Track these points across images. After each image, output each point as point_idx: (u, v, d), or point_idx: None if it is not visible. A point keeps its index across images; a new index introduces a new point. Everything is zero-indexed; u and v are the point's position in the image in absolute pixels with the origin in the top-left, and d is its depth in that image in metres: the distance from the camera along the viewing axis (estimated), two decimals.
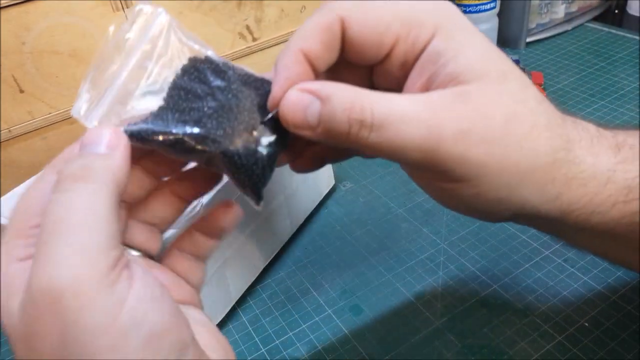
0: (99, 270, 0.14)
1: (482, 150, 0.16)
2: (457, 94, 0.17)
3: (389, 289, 0.33)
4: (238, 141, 0.17)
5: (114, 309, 0.14)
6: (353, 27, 0.18)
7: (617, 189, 0.18)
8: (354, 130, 0.17)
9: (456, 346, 0.29)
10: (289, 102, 0.17)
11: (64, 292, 0.14)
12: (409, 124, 0.16)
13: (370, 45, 0.18)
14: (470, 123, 0.16)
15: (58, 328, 0.14)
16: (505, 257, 0.34)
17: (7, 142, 0.39)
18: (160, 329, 0.15)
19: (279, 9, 0.47)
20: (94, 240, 0.14)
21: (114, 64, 0.18)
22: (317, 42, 0.18)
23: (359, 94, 0.17)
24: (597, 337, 0.28)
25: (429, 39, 0.18)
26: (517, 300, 0.31)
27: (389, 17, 0.18)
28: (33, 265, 0.14)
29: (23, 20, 0.37)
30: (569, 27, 0.62)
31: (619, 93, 0.49)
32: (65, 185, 0.15)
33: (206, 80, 0.18)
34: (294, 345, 0.30)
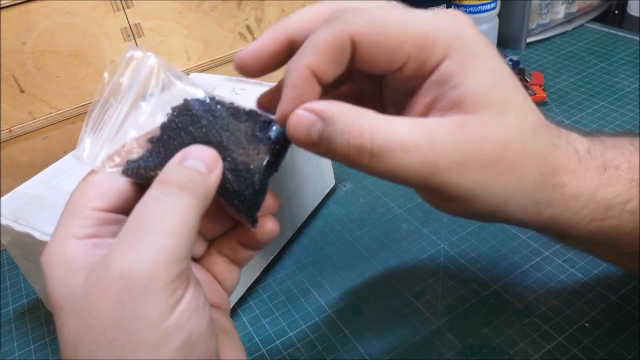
0: (170, 274, 0.16)
1: (474, 177, 0.18)
2: (456, 124, 0.17)
3: (389, 289, 0.33)
4: (226, 172, 0.19)
5: (167, 311, 0.16)
6: (363, 46, 0.17)
7: (595, 208, 0.20)
8: (353, 154, 0.17)
9: (456, 346, 0.29)
10: (294, 121, 0.18)
11: (135, 282, 0.15)
12: (407, 153, 0.17)
13: (381, 62, 0.18)
14: (466, 154, 0.17)
15: (118, 310, 0.15)
16: (505, 258, 0.34)
17: (8, 142, 0.39)
18: (195, 338, 0.16)
19: (279, 9, 0.47)
20: (175, 247, 0.16)
21: (110, 107, 0.19)
22: (325, 59, 0.18)
23: (360, 119, 0.17)
24: (597, 337, 0.28)
25: (440, 60, 0.18)
26: (517, 301, 0.31)
27: (401, 37, 0.17)
28: (116, 247, 0.16)
29: (24, 20, 0.37)
30: (569, 27, 0.62)
31: (619, 94, 0.49)
32: (169, 190, 0.17)
33: (196, 118, 0.19)
34: (294, 346, 0.30)
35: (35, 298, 0.36)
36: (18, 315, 0.35)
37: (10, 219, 0.29)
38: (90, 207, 0.18)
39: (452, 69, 0.17)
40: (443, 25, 0.18)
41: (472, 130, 0.17)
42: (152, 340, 0.15)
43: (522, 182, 0.18)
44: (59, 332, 0.16)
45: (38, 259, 0.29)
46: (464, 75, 0.17)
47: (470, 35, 0.18)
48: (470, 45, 0.18)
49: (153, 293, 0.15)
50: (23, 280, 0.38)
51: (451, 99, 0.18)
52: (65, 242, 0.17)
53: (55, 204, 0.29)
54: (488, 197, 0.18)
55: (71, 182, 0.31)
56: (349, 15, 0.18)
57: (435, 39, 0.17)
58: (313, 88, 0.18)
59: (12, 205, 0.30)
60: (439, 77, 0.18)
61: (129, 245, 0.16)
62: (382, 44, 0.17)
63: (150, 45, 0.42)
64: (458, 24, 0.18)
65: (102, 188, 0.18)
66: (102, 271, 0.16)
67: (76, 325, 0.16)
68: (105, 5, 0.39)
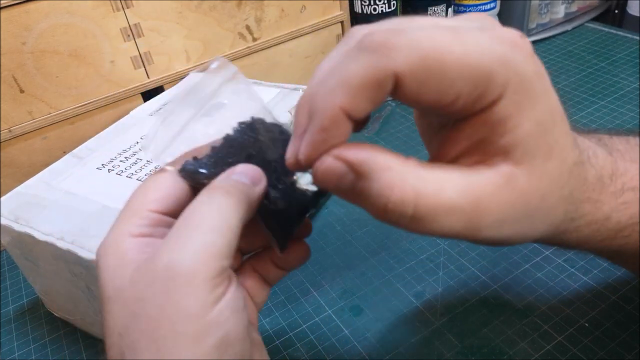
0: (213, 269, 0.16)
1: (511, 229, 0.17)
2: (505, 179, 0.16)
3: (389, 289, 0.33)
4: (272, 192, 0.20)
5: (208, 306, 0.16)
6: (409, 85, 0.15)
7: (607, 231, 0.19)
8: (390, 217, 0.16)
9: (456, 346, 0.29)
10: (323, 170, 0.16)
11: (179, 275, 0.16)
12: (451, 217, 0.16)
13: (426, 100, 0.16)
14: (510, 209, 0.16)
15: (162, 300, 0.16)
16: (505, 258, 0.34)
17: (8, 142, 0.39)
18: (232, 337, 0.17)
19: (279, 9, 0.47)
20: (217, 243, 0.17)
21: (185, 109, 0.20)
22: (362, 98, 0.15)
23: (402, 180, 0.15)
24: (597, 337, 0.28)
25: (494, 100, 0.15)
26: (517, 301, 0.31)
27: (453, 74, 0.15)
28: (164, 244, 0.17)
29: (23, 20, 0.37)
30: (569, 27, 0.62)
31: (619, 93, 0.49)
32: (215, 194, 0.18)
33: (257, 137, 0.20)
34: (294, 346, 0.30)
35: (35, 298, 0.36)
36: (18, 315, 0.35)
37: (10, 219, 0.29)
38: (148, 209, 0.19)
39: (506, 111, 0.15)
40: (501, 55, 0.15)
41: (520, 184, 0.16)
42: (192, 333, 0.16)
43: (549, 226, 0.18)
44: (104, 322, 0.17)
45: (38, 258, 0.29)
46: (518, 119, 0.16)
47: (528, 70, 0.16)
48: (528, 82, 0.16)
49: (196, 286, 0.16)
50: (23, 281, 0.38)
51: (501, 146, 0.16)
52: (121, 238, 0.18)
53: (54, 204, 0.29)
54: (517, 241, 0.18)
55: (71, 182, 0.31)
56: (394, 47, 0.15)
57: (492, 74, 0.15)
58: (344, 130, 0.16)
59: (12, 205, 0.30)
60: (491, 119, 0.16)
61: (174, 241, 0.17)
62: (432, 84, 0.15)
63: (150, 46, 0.42)
64: (517, 53, 0.15)
65: (161, 192, 0.19)
66: (150, 264, 0.17)
67: (123, 315, 0.17)
68: (105, 5, 0.39)
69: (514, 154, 0.16)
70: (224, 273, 0.17)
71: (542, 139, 0.16)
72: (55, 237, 0.27)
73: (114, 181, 0.30)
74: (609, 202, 0.19)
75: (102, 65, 0.41)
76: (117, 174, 0.31)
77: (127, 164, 0.32)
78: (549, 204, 0.17)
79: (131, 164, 0.32)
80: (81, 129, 0.42)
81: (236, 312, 0.17)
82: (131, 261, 0.17)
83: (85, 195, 0.30)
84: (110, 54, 0.41)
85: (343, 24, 0.51)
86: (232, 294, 0.17)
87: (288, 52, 0.50)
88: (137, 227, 0.18)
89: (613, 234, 0.20)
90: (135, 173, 0.31)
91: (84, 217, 0.28)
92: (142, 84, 0.43)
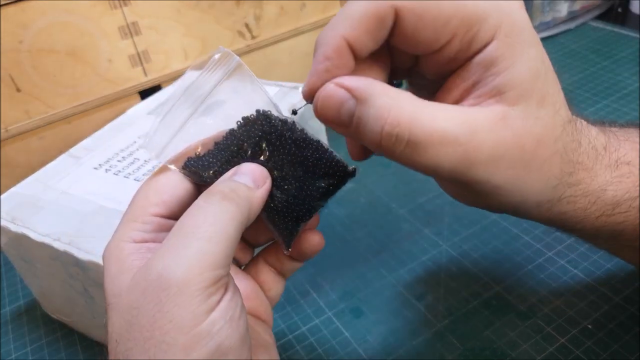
0: (206, 279, 0.16)
1: (507, 173, 0.17)
2: (499, 117, 0.16)
3: (390, 291, 0.33)
4: (277, 192, 0.19)
5: (200, 316, 0.16)
6: (407, 19, 0.16)
7: (604, 204, 0.19)
8: (386, 142, 0.16)
9: (458, 349, 0.29)
10: (324, 96, 0.17)
11: (171, 284, 0.16)
12: (446, 147, 0.16)
13: (423, 39, 0.16)
14: (505, 149, 0.17)
15: (154, 310, 0.16)
16: (507, 259, 0.34)
17: (4, 141, 0.39)
18: (226, 347, 0.16)
19: (278, 7, 0.47)
20: (212, 253, 0.16)
21: (185, 103, 0.19)
22: (363, 31, 0.16)
23: (398, 105, 0.16)
24: (600, 339, 0.28)
25: (487, 41, 0.16)
26: (520, 302, 0.31)
27: (449, 11, 0.16)
28: (159, 250, 0.17)
29: (20, 19, 0.36)
30: (572, 25, 0.61)
31: (622, 92, 0.49)
32: (212, 199, 0.17)
33: (263, 134, 0.19)
34: (293, 348, 0.30)
35: (32, 300, 0.36)
36: (15, 317, 0.35)
37: (7, 219, 0.28)
38: (150, 213, 0.18)
39: (499, 52, 0.16)
40: (494, 1, 0.16)
41: (514, 124, 0.16)
42: (183, 343, 0.16)
43: (546, 181, 0.18)
44: (106, 328, 0.17)
45: (35, 260, 0.29)
46: (510, 60, 0.16)
47: (520, 17, 0.16)
48: (519, 28, 0.16)
49: (187, 296, 0.16)
50: (20, 282, 0.38)
51: (494, 86, 0.16)
52: (122, 244, 0.18)
53: (51, 205, 0.29)
54: (513, 194, 0.18)
55: (68, 182, 0.31)
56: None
57: (486, 16, 0.16)
58: (347, 62, 0.16)
59: (9, 205, 0.29)
60: (484, 60, 0.16)
61: (168, 250, 0.16)
62: (429, 18, 0.16)
63: (148, 44, 0.42)
64: (509, 1, 0.16)
65: (163, 195, 0.19)
66: (144, 272, 0.16)
67: (119, 322, 0.17)
68: (102, 3, 0.39)
69: (508, 94, 0.16)
70: (219, 282, 0.16)
71: (535, 83, 0.17)
72: (52, 238, 0.26)
73: (111, 181, 0.30)
74: (603, 174, 0.19)
75: (99, 64, 0.41)
76: (114, 173, 0.31)
77: (125, 164, 0.31)
78: (544, 154, 0.17)
79: (128, 163, 0.31)
80: (78, 128, 0.41)
81: (231, 321, 0.16)
82: (130, 268, 0.17)
83: (82, 195, 0.29)
84: (108, 53, 0.40)
85: None
86: (226, 303, 0.17)
87: (287, 50, 0.49)
88: (138, 232, 0.18)
89: (610, 209, 0.20)
90: (132, 173, 0.30)
91: (80, 218, 0.27)
92: (140, 82, 0.43)
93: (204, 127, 0.19)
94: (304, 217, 0.20)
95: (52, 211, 0.28)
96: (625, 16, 0.63)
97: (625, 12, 0.64)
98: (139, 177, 0.30)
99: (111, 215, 0.27)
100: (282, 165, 0.19)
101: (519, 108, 0.17)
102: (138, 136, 0.34)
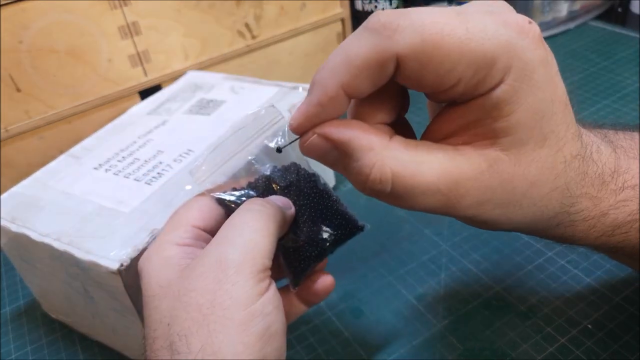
0: (258, 264, 0.18)
1: (495, 212, 0.17)
2: (488, 164, 0.16)
3: (390, 291, 0.33)
4: (292, 232, 0.22)
5: (255, 296, 0.18)
6: (410, 66, 0.15)
7: (604, 227, 0.19)
8: (368, 191, 0.17)
9: (458, 349, 0.28)
10: (308, 146, 0.17)
11: (230, 266, 0.18)
12: (428, 197, 0.16)
13: (426, 84, 0.16)
14: (491, 194, 0.16)
15: (214, 289, 0.18)
16: (507, 259, 0.34)
17: (4, 141, 0.39)
18: (274, 329, 0.18)
19: (278, 7, 0.47)
20: (262, 243, 0.19)
21: (231, 146, 0.23)
22: (362, 78, 0.15)
23: (381, 161, 0.16)
24: (600, 339, 0.28)
25: (494, 85, 0.15)
26: (520, 302, 0.31)
27: (455, 57, 0.15)
28: (213, 241, 0.19)
29: (20, 19, 0.36)
30: (572, 25, 0.61)
31: (622, 92, 0.49)
32: (253, 205, 0.20)
33: (293, 182, 0.23)
34: (294, 348, 0.30)
35: (32, 300, 0.36)
36: (15, 317, 0.35)
37: (7, 219, 0.28)
38: (191, 224, 0.21)
39: (504, 97, 0.15)
40: (505, 41, 0.15)
41: (505, 170, 0.16)
42: (240, 319, 0.17)
43: (541, 214, 0.18)
44: (147, 318, 0.19)
45: (35, 259, 0.29)
46: (514, 105, 0.15)
47: (533, 57, 0.15)
48: (530, 70, 0.15)
49: (244, 276, 0.18)
50: (20, 282, 0.38)
51: (492, 129, 0.16)
52: (165, 246, 0.20)
53: (51, 205, 0.29)
54: (503, 226, 0.18)
55: (68, 182, 0.31)
56: (397, 28, 0.15)
57: (495, 60, 0.15)
58: (340, 107, 0.16)
59: (9, 205, 0.29)
60: (488, 103, 0.16)
61: (223, 239, 0.19)
62: (433, 65, 0.15)
63: (148, 44, 0.42)
64: (523, 39, 0.15)
65: (203, 212, 0.21)
66: (199, 260, 0.19)
67: (171, 306, 0.18)
68: (102, 3, 0.39)
69: (504, 139, 0.16)
70: (266, 271, 0.19)
71: (537, 128, 0.16)
72: (52, 238, 0.26)
73: (111, 181, 0.30)
74: (607, 199, 0.19)
75: (99, 64, 0.41)
76: (114, 173, 0.31)
77: (125, 164, 0.31)
78: (541, 193, 0.17)
79: (128, 163, 0.31)
80: (78, 128, 0.41)
81: (277, 308, 0.19)
82: (176, 264, 0.19)
83: (82, 195, 0.29)
84: (108, 53, 0.40)
85: (344, 22, 0.51)
86: (272, 292, 0.19)
87: (287, 50, 0.49)
88: (181, 238, 0.20)
89: (610, 231, 0.19)
90: (132, 173, 0.30)
91: (80, 218, 0.27)
92: (140, 82, 0.43)
93: (242, 164, 0.23)
94: (315, 259, 0.23)
95: (52, 211, 0.28)
96: (625, 16, 0.63)
97: (625, 12, 0.64)
98: (139, 177, 0.30)
99: (111, 215, 0.27)
100: (303, 211, 0.22)
101: (513, 153, 0.16)
102: (138, 136, 0.34)
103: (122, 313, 0.26)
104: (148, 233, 0.25)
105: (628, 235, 0.19)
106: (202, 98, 0.37)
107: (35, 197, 0.30)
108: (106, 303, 0.27)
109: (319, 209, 0.22)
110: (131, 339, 0.28)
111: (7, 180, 0.40)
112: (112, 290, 0.25)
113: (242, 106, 0.35)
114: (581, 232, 0.19)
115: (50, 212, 0.28)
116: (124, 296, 0.25)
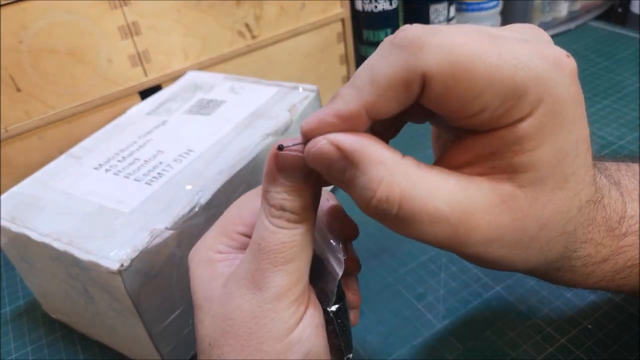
0: (293, 293, 0.18)
1: (500, 252, 0.16)
2: (502, 199, 0.15)
3: (390, 291, 0.33)
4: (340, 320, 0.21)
5: (292, 326, 0.18)
6: (435, 88, 0.14)
7: (603, 273, 0.19)
8: (372, 211, 0.15)
9: (458, 349, 0.29)
10: (315, 152, 0.16)
11: (266, 302, 0.17)
12: (436, 226, 0.15)
13: (449, 109, 0.15)
14: (501, 232, 0.15)
15: (251, 323, 0.17)
16: None
17: (4, 141, 0.39)
18: (314, 353, 0.18)
19: (278, 7, 0.47)
20: (296, 270, 0.18)
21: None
22: (386, 99, 0.15)
23: (390, 179, 0.14)
24: (600, 339, 0.28)
25: (520, 118, 0.14)
26: (520, 303, 0.31)
27: (483, 84, 0.14)
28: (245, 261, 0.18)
29: (20, 19, 0.36)
30: (572, 25, 0.61)
31: (622, 92, 0.49)
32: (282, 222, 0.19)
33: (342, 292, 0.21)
34: None
35: (32, 300, 0.36)
36: (15, 317, 0.35)
37: (7, 219, 0.28)
38: (237, 231, 0.20)
39: (530, 131, 0.14)
40: (539, 73, 0.14)
41: (519, 207, 0.15)
42: (277, 351, 0.17)
43: (544, 258, 0.17)
44: (196, 326, 0.19)
45: (35, 259, 0.29)
46: (539, 142, 0.14)
47: (565, 92, 0.14)
48: (561, 107, 0.14)
49: (280, 310, 0.17)
50: (20, 282, 0.38)
51: (511, 164, 0.15)
52: (211, 252, 0.20)
53: (51, 205, 0.29)
54: (504, 267, 0.17)
55: (68, 182, 0.31)
56: (424, 46, 0.14)
57: (524, 91, 0.14)
58: (358, 127, 0.15)
59: (9, 205, 0.29)
60: (511, 136, 0.15)
61: (260, 274, 0.18)
62: (459, 91, 0.14)
63: (148, 44, 0.42)
64: (557, 73, 0.14)
65: (248, 219, 0.20)
66: (236, 289, 0.18)
67: (212, 328, 0.18)
68: (102, 3, 0.39)
69: (523, 175, 0.15)
70: (304, 293, 0.18)
71: (559, 168, 0.15)
72: (52, 238, 0.26)
73: (111, 181, 0.30)
74: (609, 245, 0.18)
75: (99, 64, 0.41)
76: (114, 173, 0.31)
77: (125, 164, 0.31)
78: (549, 236, 0.16)
79: (128, 163, 0.31)
80: (78, 129, 0.41)
81: (317, 329, 0.18)
82: (220, 274, 0.19)
83: (82, 195, 0.29)
84: (108, 53, 0.40)
85: (344, 22, 0.51)
86: (311, 311, 0.18)
87: (287, 50, 0.49)
88: (226, 246, 0.20)
89: (610, 276, 0.19)
90: (132, 173, 0.30)
91: (80, 218, 0.27)
92: (140, 82, 0.43)
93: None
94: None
95: (52, 211, 0.28)
96: (626, 16, 0.63)
97: (625, 12, 0.64)
98: (139, 177, 0.30)
99: (111, 215, 0.27)
100: (322, 275, 0.21)
101: (530, 191, 0.15)
102: (138, 136, 0.34)
103: (122, 313, 0.26)
104: (148, 233, 0.25)
105: (628, 280, 0.19)
106: (202, 98, 0.37)
107: (35, 197, 0.30)
108: (106, 303, 0.27)
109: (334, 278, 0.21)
110: (131, 339, 0.28)
111: (7, 180, 0.40)
112: (112, 291, 0.25)
113: (242, 106, 0.35)
114: (580, 276, 0.19)
115: (50, 212, 0.28)
116: (124, 296, 0.25)
